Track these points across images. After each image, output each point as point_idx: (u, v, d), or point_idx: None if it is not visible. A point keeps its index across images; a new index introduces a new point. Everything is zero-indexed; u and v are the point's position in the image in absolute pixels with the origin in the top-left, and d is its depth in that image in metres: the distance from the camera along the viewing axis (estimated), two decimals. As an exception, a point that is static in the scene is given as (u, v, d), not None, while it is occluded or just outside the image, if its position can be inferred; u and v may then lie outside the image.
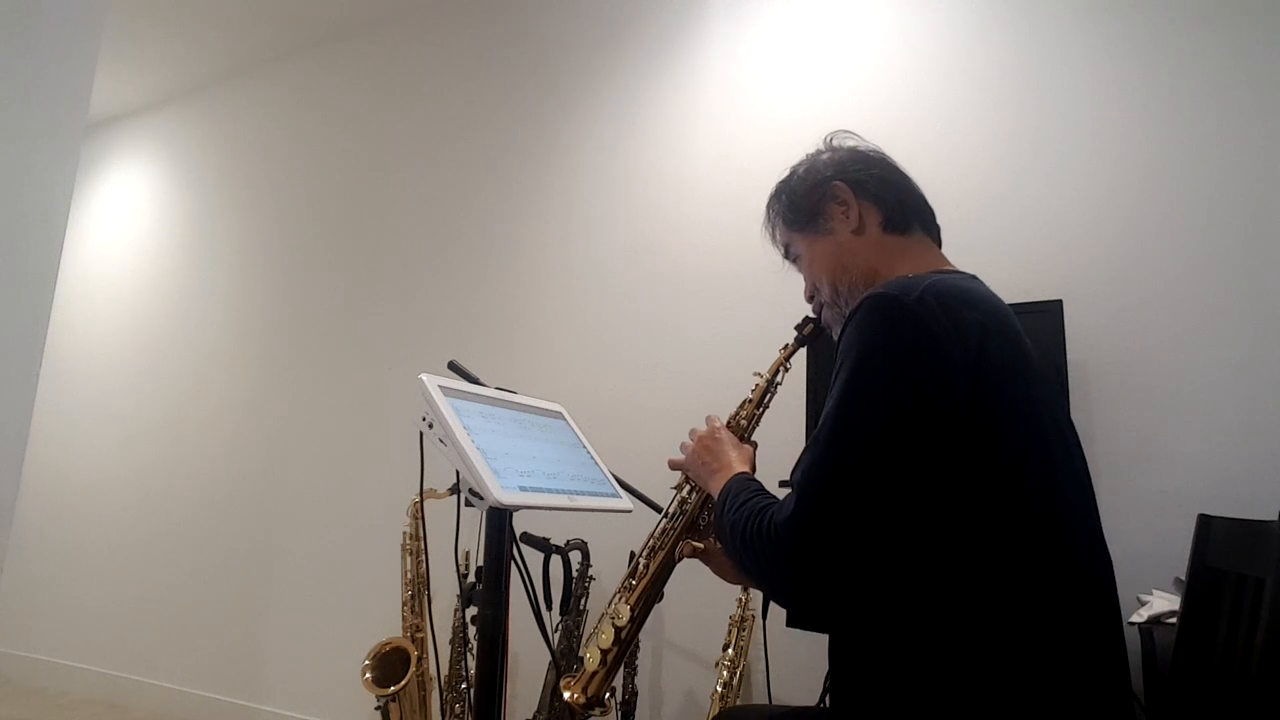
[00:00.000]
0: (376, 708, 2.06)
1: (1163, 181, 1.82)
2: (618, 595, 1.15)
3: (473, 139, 2.92)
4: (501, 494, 0.95)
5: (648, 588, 1.13)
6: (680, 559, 1.15)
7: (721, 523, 0.99)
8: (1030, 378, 0.91)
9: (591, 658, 1.09)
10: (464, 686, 2.10)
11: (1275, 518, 0.90)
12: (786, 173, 1.18)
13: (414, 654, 2.04)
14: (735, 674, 1.82)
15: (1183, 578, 1.09)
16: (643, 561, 1.16)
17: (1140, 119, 1.86)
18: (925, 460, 0.82)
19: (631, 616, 1.10)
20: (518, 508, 1.02)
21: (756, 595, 1.89)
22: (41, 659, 3.57)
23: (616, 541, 1.90)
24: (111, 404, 3.71)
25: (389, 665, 2.05)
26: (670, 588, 1.15)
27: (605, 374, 2.45)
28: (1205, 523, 1.06)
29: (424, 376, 1.04)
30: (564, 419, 1.28)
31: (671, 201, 2.45)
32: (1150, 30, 1.88)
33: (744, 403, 1.21)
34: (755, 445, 1.17)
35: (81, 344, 3.86)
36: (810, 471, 0.84)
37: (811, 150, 1.18)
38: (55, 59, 1.51)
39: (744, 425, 1.19)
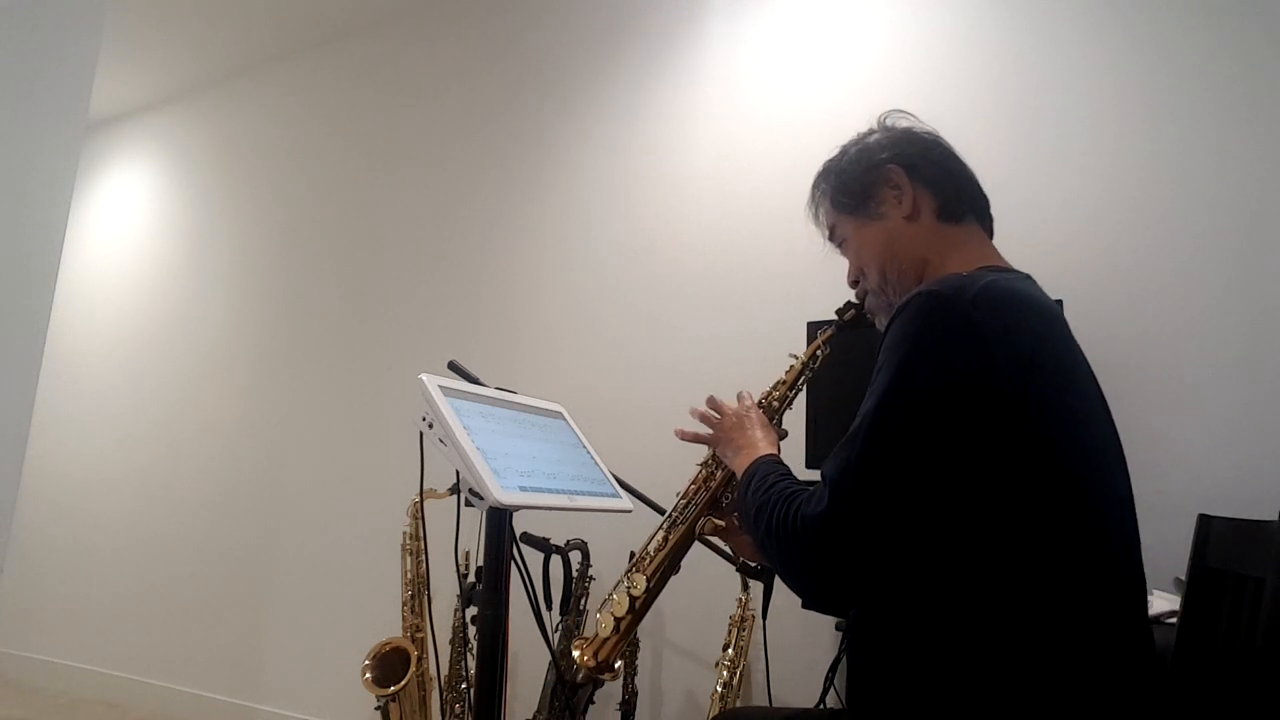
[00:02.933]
0: (376, 708, 2.06)
1: (1162, 180, 1.82)
2: (633, 566, 1.14)
3: (472, 139, 2.92)
4: (501, 494, 0.95)
5: (664, 560, 1.12)
6: (700, 534, 1.13)
7: (745, 502, 0.97)
8: (1081, 388, 0.89)
9: (605, 624, 1.09)
10: (464, 686, 2.10)
11: (1275, 518, 0.90)
12: (836, 152, 1.12)
13: (414, 654, 2.04)
14: (735, 674, 1.82)
15: (1182, 578, 1.09)
16: (661, 534, 1.15)
17: (1140, 117, 1.86)
18: (964, 468, 0.80)
19: (647, 587, 1.10)
20: (518, 508, 1.02)
21: (756, 595, 1.89)
22: (42, 659, 3.57)
23: (616, 541, 1.90)
24: (111, 404, 3.70)
25: (389, 665, 2.05)
26: (670, 587, 1.15)
27: (605, 374, 2.45)
28: (1205, 523, 1.05)
29: (424, 376, 1.04)
30: (564, 419, 1.28)
31: (671, 201, 2.45)
32: (1150, 29, 1.88)
33: (776, 384, 1.17)
34: (785, 434, 1.14)
35: (81, 344, 3.86)
36: (845, 469, 0.82)
37: (861, 130, 1.11)
38: (55, 59, 1.51)
39: (775, 406, 1.16)
